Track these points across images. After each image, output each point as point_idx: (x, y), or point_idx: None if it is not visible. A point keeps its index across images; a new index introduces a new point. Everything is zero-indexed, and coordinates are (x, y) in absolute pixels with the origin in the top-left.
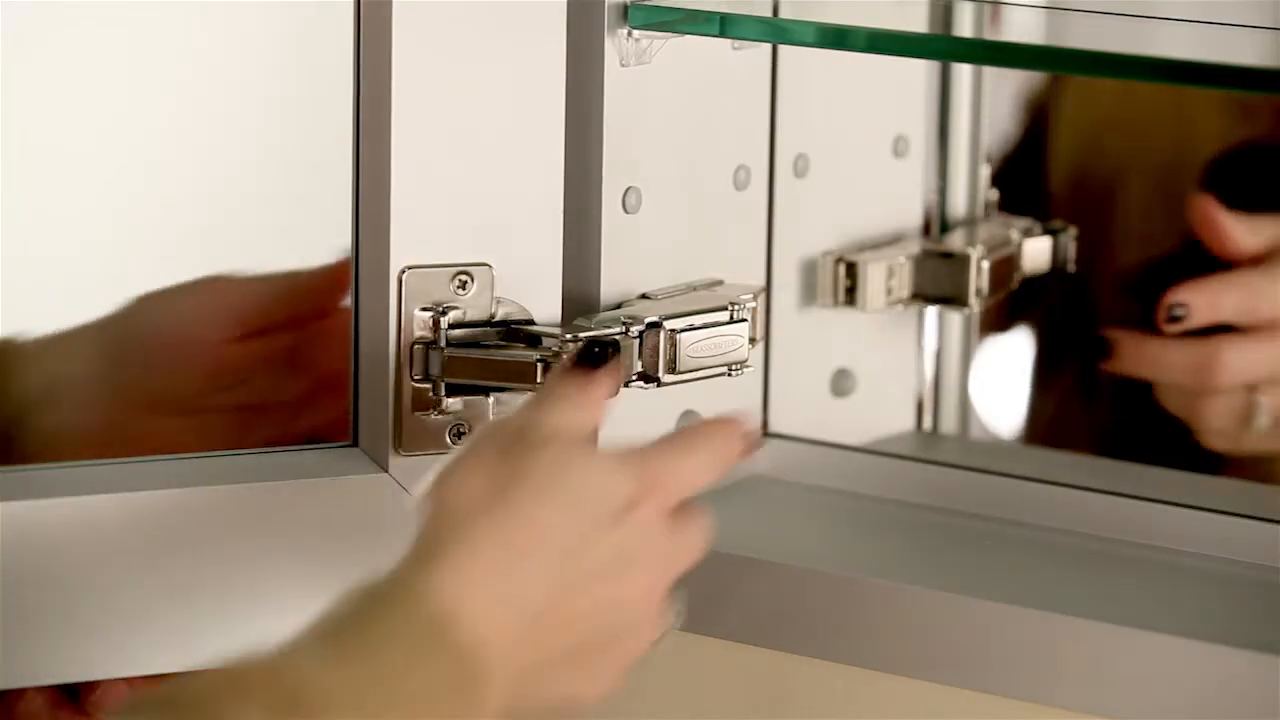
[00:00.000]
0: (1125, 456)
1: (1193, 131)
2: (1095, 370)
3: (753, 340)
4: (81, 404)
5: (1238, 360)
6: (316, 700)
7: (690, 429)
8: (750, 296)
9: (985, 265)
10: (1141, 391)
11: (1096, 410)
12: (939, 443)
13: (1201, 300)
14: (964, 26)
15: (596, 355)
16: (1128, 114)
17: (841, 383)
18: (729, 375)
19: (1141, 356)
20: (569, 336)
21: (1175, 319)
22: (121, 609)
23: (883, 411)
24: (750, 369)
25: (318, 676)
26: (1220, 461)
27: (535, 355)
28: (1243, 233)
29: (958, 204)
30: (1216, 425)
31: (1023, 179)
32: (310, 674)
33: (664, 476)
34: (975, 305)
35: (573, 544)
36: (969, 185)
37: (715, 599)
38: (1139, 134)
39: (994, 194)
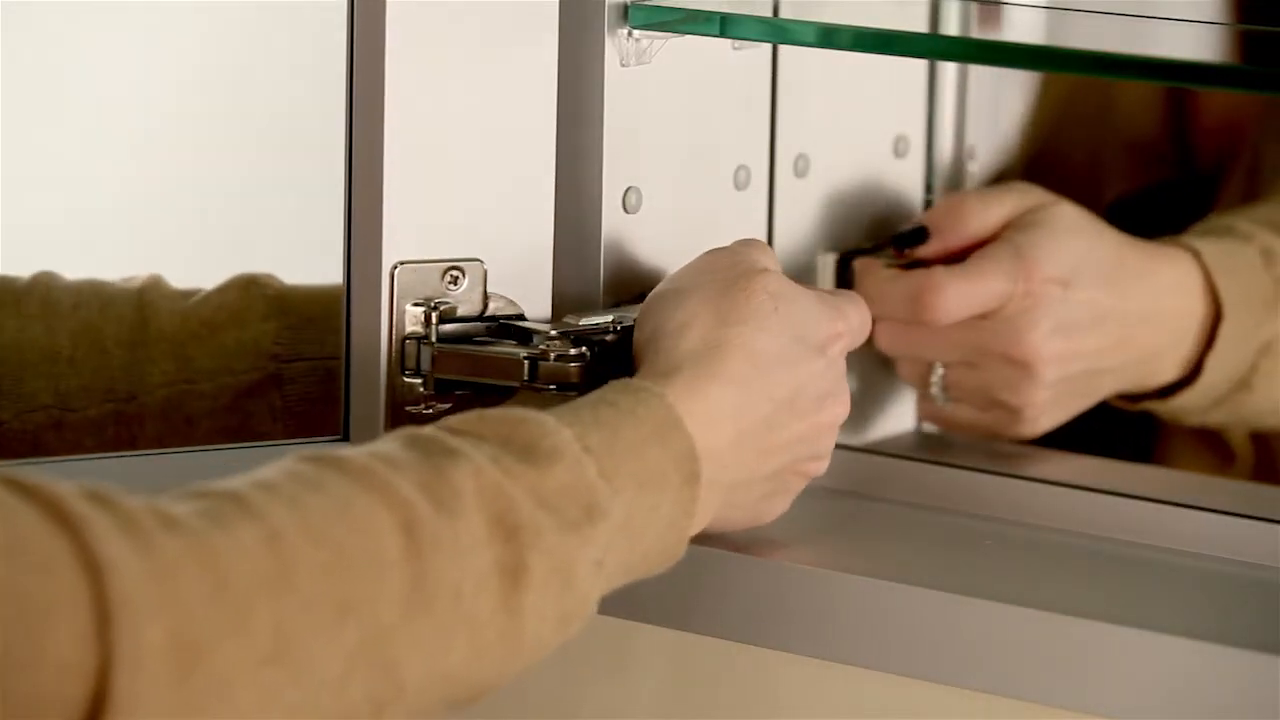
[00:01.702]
0: (1125, 456)
1: (1176, 126)
2: None
3: None
4: None
5: (889, 335)
6: (550, 449)
7: (850, 292)
8: None
9: None
10: None
11: (1096, 410)
12: (939, 443)
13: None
14: (964, 27)
15: None
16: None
17: None
18: None
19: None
20: (554, 333)
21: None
22: None
23: (883, 411)
24: None
25: (554, 431)
26: (1221, 461)
27: (522, 352)
28: (975, 216)
29: None
30: (910, 384)
31: (1010, 175)
32: (547, 429)
33: (854, 319)
34: None
35: (787, 373)
36: (955, 184)
37: (715, 598)
38: (1123, 124)
39: None
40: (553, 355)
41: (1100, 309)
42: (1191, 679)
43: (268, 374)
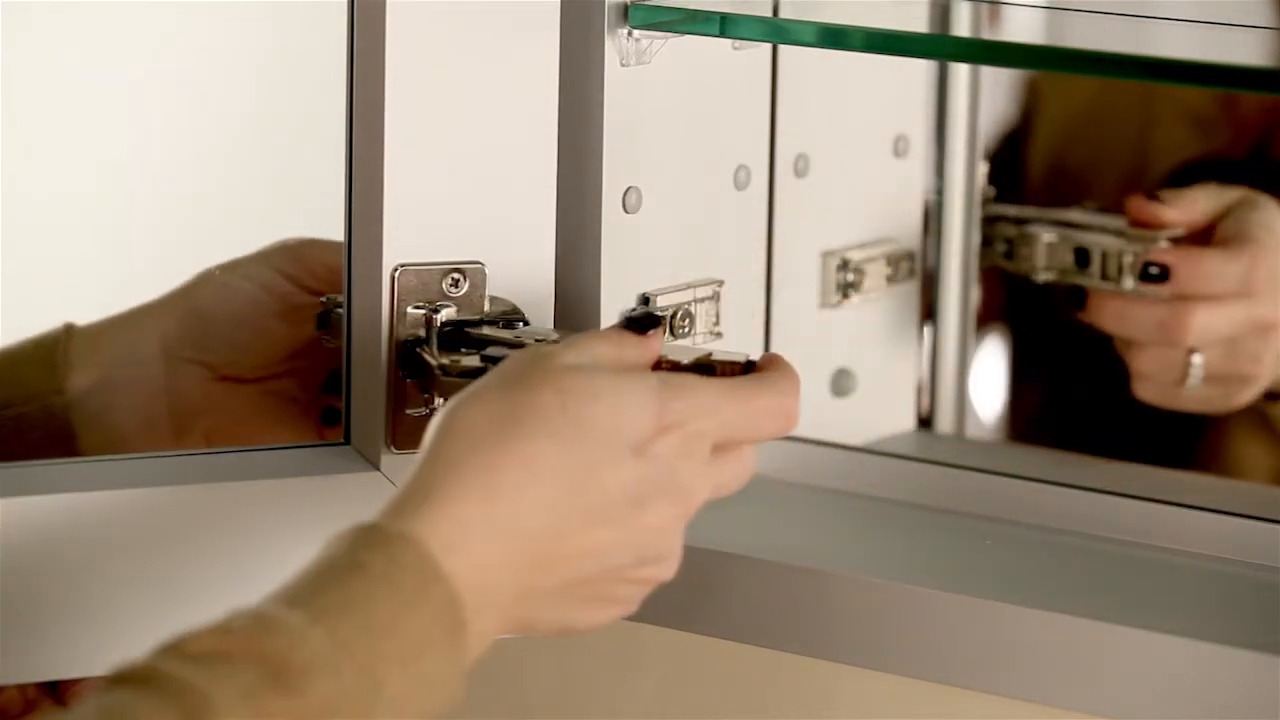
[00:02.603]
0: (1125, 456)
1: (1181, 126)
2: (1095, 369)
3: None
4: (148, 380)
5: (1202, 324)
6: (304, 663)
7: (757, 379)
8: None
9: None
10: None
11: (1097, 409)
12: (938, 443)
13: (1193, 269)
14: (964, 26)
15: (638, 323)
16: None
17: (841, 383)
18: None
19: (1109, 310)
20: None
21: (1157, 279)
22: (111, 606)
23: (883, 411)
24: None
25: (304, 638)
26: (1221, 461)
27: (435, 361)
28: (1175, 214)
29: (954, 202)
30: (1151, 375)
31: (1017, 173)
32: (296, 636)
33: (697, 415)
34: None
35: (579, 477)
36: (966, 183)
37: (715, 598)
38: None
39: (990, 191)
40: (456, 371)
41: None
42: (1191, 679)
43: None
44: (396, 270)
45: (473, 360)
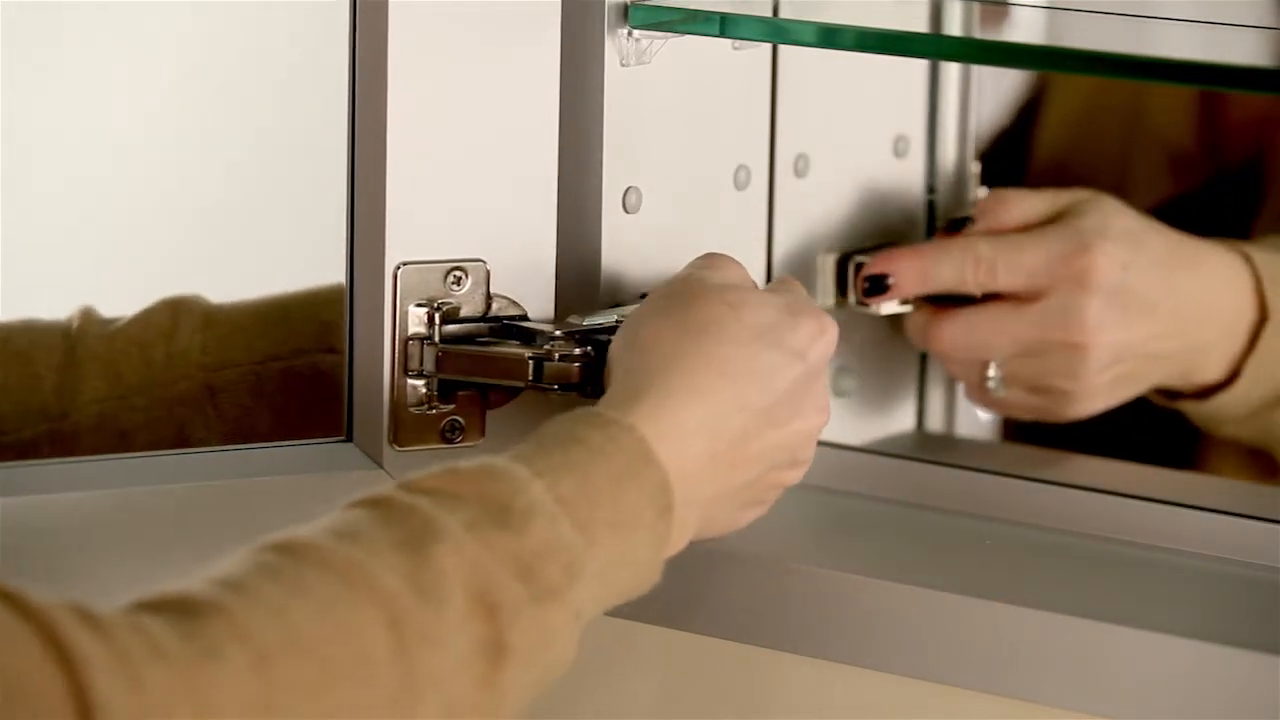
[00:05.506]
0: (1124, 456)
1: (1175, 127)
2: None
3: None
4: None
5: (952, 334)
6: (525, 508)
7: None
8: None
9: None
10: None
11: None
12: (938, 443)
13: (909, 271)
14: (964, 27)
15: None
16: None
17: (841, 383)
18: None
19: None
20: (559, 333)
21: (879, 291)
22: (111, 605)
23: (883, 411)
24: None
25: (526, 486)
26: (1219, 461)
27: (527, 352)
28: (1017, 206)
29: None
30: (960, 380)
31: (1012, 174)
32: (519, 484)
33: (829, 322)
34: None
35: (759, 379)
36: (957, 183)
37: (714, 598)
38: (1124, 128)
39: (984, 192)
40: (557, 355)
41: (1153, 295)
42: (1191, 679)
43: (197, 383)
44: (398, 268)
45: (570, 347)
